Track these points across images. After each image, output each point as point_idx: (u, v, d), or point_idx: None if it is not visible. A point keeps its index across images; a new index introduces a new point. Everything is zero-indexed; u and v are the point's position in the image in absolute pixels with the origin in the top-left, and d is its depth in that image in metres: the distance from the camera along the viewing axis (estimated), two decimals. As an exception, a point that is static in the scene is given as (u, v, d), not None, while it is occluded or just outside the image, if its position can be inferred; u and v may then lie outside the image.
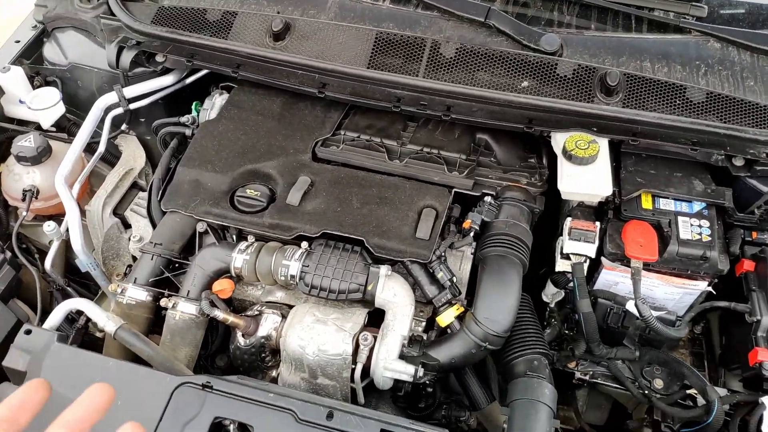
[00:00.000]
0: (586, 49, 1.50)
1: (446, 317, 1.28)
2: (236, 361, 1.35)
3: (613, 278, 1.42)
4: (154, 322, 1.39)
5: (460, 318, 1.28)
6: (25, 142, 1.52)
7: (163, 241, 1.38)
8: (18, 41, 1.72)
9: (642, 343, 1.42)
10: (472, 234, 1.33)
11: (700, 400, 1.34)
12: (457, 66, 1.46)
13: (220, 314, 1.29)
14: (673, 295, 1.40)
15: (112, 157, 1.72)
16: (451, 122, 1.51)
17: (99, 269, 1.54)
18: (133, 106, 1.64)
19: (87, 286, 1.67)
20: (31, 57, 1.72)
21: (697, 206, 1.38)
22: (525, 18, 1.56)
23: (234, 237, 1.42)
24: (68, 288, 1.56)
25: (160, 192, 1.45)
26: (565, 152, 1.35)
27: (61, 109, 1.65)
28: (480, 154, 1.49)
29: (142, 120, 1.75)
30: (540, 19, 1.57)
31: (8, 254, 1.44)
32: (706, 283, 1.36)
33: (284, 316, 1.32)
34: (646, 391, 1.38)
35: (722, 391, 1.34)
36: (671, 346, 1.50)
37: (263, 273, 1.32)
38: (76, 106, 1.72)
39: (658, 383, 1.39)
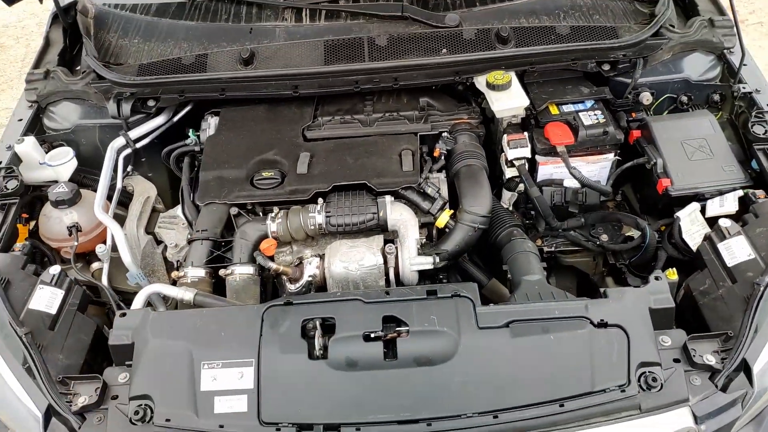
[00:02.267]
0: (478, 19, 2.02)
1: (443, 219, 1.68)
2: (290, 306, 1.66)
3: (548, 171, 1.88)
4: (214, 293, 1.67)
5: (453, 218, 1.69)
6: (59, 189, 1.79)
7: (208, 227, 1.69)
8: (20, 119, 1.99)
9: (583, 211, 1.88)
10: (442, 158, 1.76)
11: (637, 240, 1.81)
12: (391, 50, 1.91)
13: (273, 265, 1.62)
14: (593, 171, 1.88)
15: (123, 198, 2.00)
16: (398, 92, 1.97)
17: (146, 280, 1.81)
18: (138, 145, 1.95)
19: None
20: (34, 130, 2.00)
21: (589, 103, 1.89)
22: (428, 6, 2.06)
23: (261, 213, 1.76)
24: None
25: (192, 193, 1.77)
26: (489, 85, 1.83)
27: (75, 163, 1.93)
28: (426, 109, 1.94)
29: (143, 160, 2.06)
30: (439, 6, 2.07)
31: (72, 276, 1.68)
32: (613, 153, 1.86)
33: (321, 258, 1.67)
34: (598, 243, 1.83)
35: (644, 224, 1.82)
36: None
37: (295, 229, 1.66)
38: (82, 162, 2.00)
39: (604, 237, 1.85)
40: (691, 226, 1.70)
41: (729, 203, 1.67)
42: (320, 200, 1.69)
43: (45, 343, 1.49)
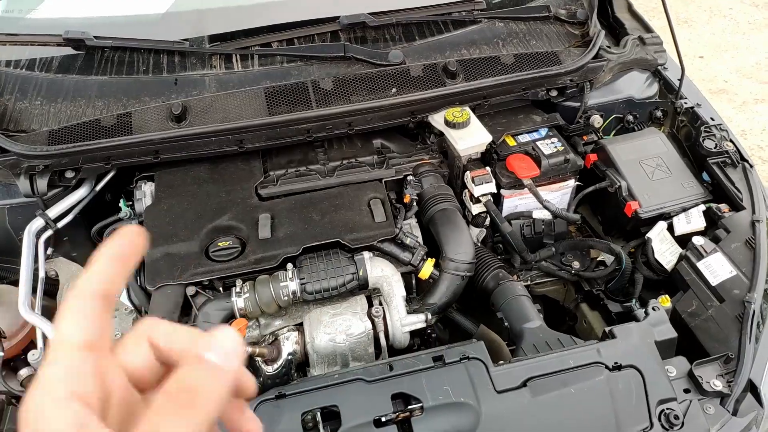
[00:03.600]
0: (420, 54, 1.94)
1: (426, 270, 1.58)
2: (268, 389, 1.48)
3: (513, 203, 1.84)
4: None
5: (436, 267, 1.59)
6: (-29, 292, 1.50)
7: (164, 314, 1.47)
8: None
9: (553, 240, 1.86)
10: (414, 203, 1.66)
11: (608, 264, 1.81)
12: (339, 93, 1.79)
13: (248, 348, 1.43)
14: (555, 198, 1.86)
15: (48, 287, 1.71)
16: (350, 137, 1.84)
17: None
18: (60, 224, 1.68)
19: None
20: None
21: (543, 131, 1.87)
22: (367, 44, 1.96)
23: (221, 289, 1.56)
24: None
25: (138, 277, 1.54)
26: (448, 123, 1.76)
27: (-17, 256, 1.63)
28: (383, 152, 1.83)
29: (65, 239, 1.78)
30: (379, 42, 1.98)
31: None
32: (573, 179, 1.85)
33: (298, 331, 1.51)
34: (573, 272, 1.81)
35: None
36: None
37: (266, 302, 1.49)
38: (-8, 252, 1.70)
39: (576, 264, 1.83)
40: (662, 245, 1.72)
41: (695, 219, 1.70)
42: (290, 266, 1.53)
43: None
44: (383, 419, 1.23)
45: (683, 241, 1.70)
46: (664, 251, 1.71)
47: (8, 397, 1.47)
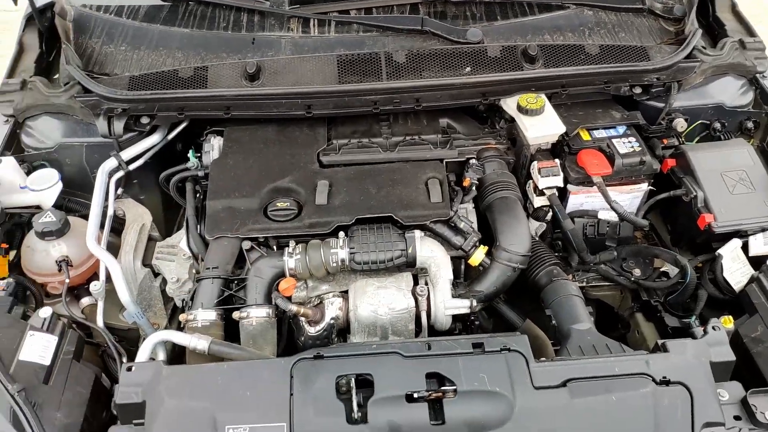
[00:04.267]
0: (500, 34, 1.89)
1: (477, 257, 1.54)
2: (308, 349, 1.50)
3: (579, 200, 1.77)
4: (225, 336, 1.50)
5: (488, 255, 1.55)
6: (46, 219, 1.58)
7: (218, 264, 1.51)
8: None
9: (616, 244, 1.78)
10: (473, 188, 1.63)
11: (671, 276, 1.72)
12: (411, 67, 1.77)
13: (293, 307, 1.45)
14: (625, 200, 1.77)
15: (115, 225, 1.79)
16: (416, 113, 1.82)
17: (145, 318, 1.62)
18: (132, 167, 1.75)
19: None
20: (11, 148, 1.77)
21: (621, 129, 1.79)
22: (446, 19, 1.92)
23: (275, 247, 1.59)
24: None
25: (198, 224, 1.59)
26: (521, 109, 1.70)
27: (60, 187, 1.72)
28: (448, 132, 1.80)
29: (135, 182, 1.85)
30: (458, 19, 1.93)
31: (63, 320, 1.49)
32: (647, 183, 1.76)
33: (343, 298, 1.52)
34: (632, 279, 1.73)
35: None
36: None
37: (315, 266, 1.50)
38: (66, 184, 1.78)
39: (637, 272, 1.75)
40: (733, 264, 1.62)
41: (775, 241, 1.59)
42: (342, 234, 1.53)
43: (40, 401, 1.30)
44: (415, 395, 1.22)
45: (757, 262, 1.60)
46: (735, 270, 1.61)
47: (70, 321, 1.55)
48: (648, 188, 1.77)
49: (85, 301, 1.69)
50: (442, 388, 1.24)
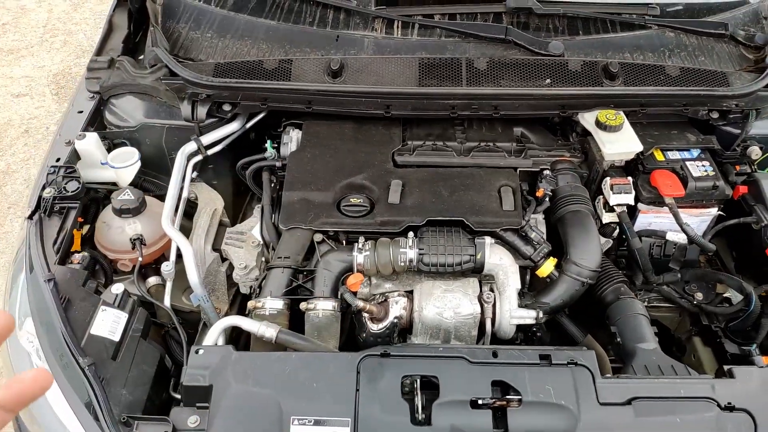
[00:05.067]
0: (581, 49, 1.89)
1: (546, 268, 1.56)
2: (368, 346, 1.54)
3: (647, 220, 1.77)
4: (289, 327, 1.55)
5: (557, 267, 1.57)
6: (125, 196, 1.65)
7: (290, 254, 1.56)
8: (81, 111, 1.84)
9: (682, 266, 1.77)
10: (546, 199, 1.64)
11: (734, 302, 1.71)
12: (491, 74, 1.78)
13: (360, 303, 1.49)
14: (693, 224, 1.76)
15: (188, 208, 1.85)
16: (491, 121, 1.84)
17: (210, 302, 1.68)
18: (210, 152, 1.81)
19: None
20: (94, 124, 1.84)
21: (695, 152, 1.78)
22: (529, 30, 1.93)
23: (344, 242, 1.63)
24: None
25: (273, 215, 1.64)
26: (599, 125, 1.71)
27: (138, 166, 1.79)
28: (522, 141, 1.81)
29: (210, 167, 1.91)
30: (541, 31, 1.94)
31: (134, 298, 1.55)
32: (716, 208, 1.75)
33: (408, 298, 1.55)
34: (695, 302, 1.72)
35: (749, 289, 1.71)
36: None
37: (383, 264, 1.53)
38: (143, 164, 1.85)
39: (699, 296, 1.74)
40: (801, 297, 1.60)
41: None
42: (411, 234, 1.56)
43: (107, 376, 1.35)
44: (480, 402, 1.25)
45: (828, 297, 1.57)
46: (803, 304, 1.59)
47: (139, 299, 1.60)
48: (717, 213, 1.76)
49: (152, 280, 1.74)
50: (507, 396, 1.26)
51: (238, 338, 1.63)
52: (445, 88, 1.73)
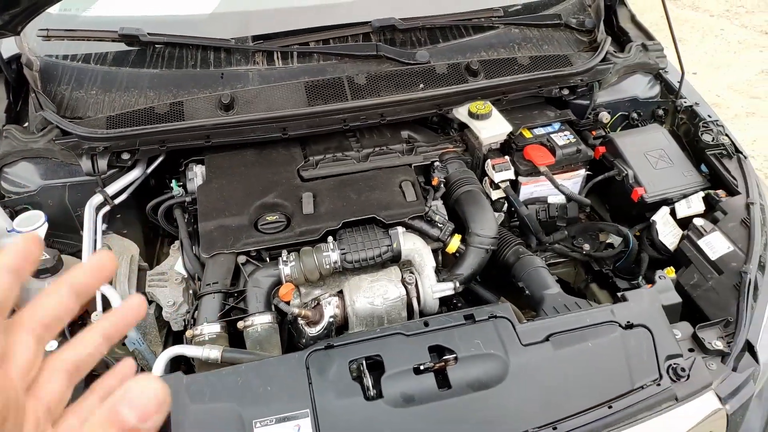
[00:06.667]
0: (444, 54, 2.13)
1: (454, 244, 1.74)
2: (308, 350, 1.63)
3: (530, 190, 2.01)
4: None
5: (462, 242, 1.75)
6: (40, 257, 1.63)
7: (217, 279, 1.62)
8: None
9: (566, 224, 2.02)
10: (441, 186, 1.83)
11: (616, 245, 1.97)
12: (371, 87, 1.96)
13: (295, 310, 1.58)
14: (568, 185, 2.02)
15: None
16: (380, 128, 2.02)
17: (145, 344, 1.69)
18: (116, 201, 1.83)
19: None
20: (-10, 196, 1.81)
21: (556, 125, 2.05)
22: (396, 45, 2.14)
23: (267, 259, 1.71)
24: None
25: (193, 247, 1.70)
26: (472, 115, 1.93)
27: (46, 227, 1.77)
28: (411, 142, 2.00)
29: (118, 216, 1.93)
30: (406, 44, 2.16)
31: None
32: (584, 169, 2.03)
33: (339, 297, 1.66)
34: (584, 253, 1.97)
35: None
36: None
37: (310, 270, 1.64)
38: (51, 226, 1.83)
39: (586, 247, 1.99)
40: (665, 228, 1.88)
41: (695, 204, 1.87)
42: (331, 239, 1.68)
43: None
44: (422, 367, 1.38)
45: (684, 224, 1.87)
46: (668, 233, 1.88)
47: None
48: (585, 173, 2.04)
49: (83, 335, 1.73)
50: (444, 357, 1.40)
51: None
52: (333, 105, 1.89)
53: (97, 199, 1.80)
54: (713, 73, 5.16)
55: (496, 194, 1.97)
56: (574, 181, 2.04)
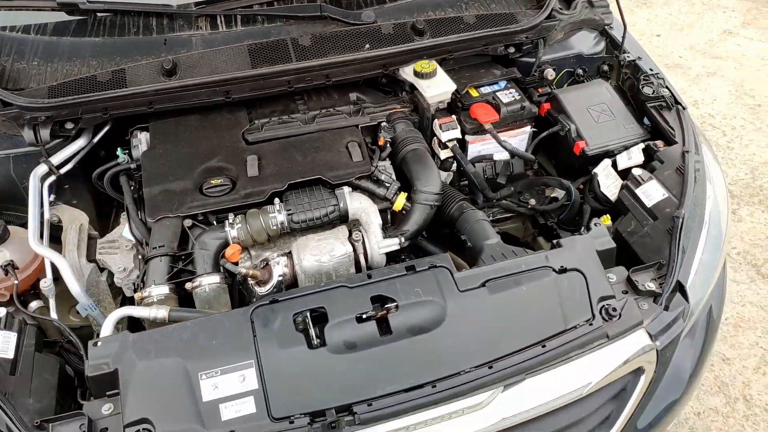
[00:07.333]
0: (390, 14, 2.13)
1: (399, 202, 1.77)
2: (260, 309, 1.66)
3: (477, 148, 2.04)
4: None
5: (408, 200, 1.78)
6: (-15, 227, 1.64)
7: (164, 243, 1.64)
8: None
9: (511, 181, 2.07)
10: (388, 146, 1.85)
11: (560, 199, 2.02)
12: (317, 48, 1.97)
13: (242, 269, 1.61)
14: (514, 143, 2.06)
15: (51, 231, 1.85)
16: (327, 90, 2.03)
17: (98, 310, 1.71)
18: (62, 170, 1.83)
19: None
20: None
21: (502, 84, 2.08)
22: (341, 5, 2.14)
23: (215, 222, 1.73)
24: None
25: (138, 211, 1.71)
26: (417, 74, 1.95)
27: (-9, 201, 1.77)
28: (358, 103, 2.02)
29: (66, 187, 1.93)
30: (352, 4, 2.16)
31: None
32: (529, 126, 2.07)
33: (287, 256, 1.69)
34: (529, 207, 2.02)
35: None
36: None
37: (257, 231, 1.66)
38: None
39: (532, 201, 2.04)
40: (607, 180, 1.94)
41: (636, 155, 1.92)
42: (277, 200, 1.70)
43: (11, 389, 1.37)
44: (364, 316, 1.42)
45: (625, 175, 1.92)
46: (609, 185, 1.93)
47: (24, 321, 1.60)
48: (531, 130, 2.08)
49: (34, 305, 1.74)
50: (386, 306, 1.45)
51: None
52: (277, 66, 1.89)
53: (42, 169, 1.79)
54: (677, 35, 5.21)
55: (444, 154, 2.00)
56: (520, 138, 2.08)
